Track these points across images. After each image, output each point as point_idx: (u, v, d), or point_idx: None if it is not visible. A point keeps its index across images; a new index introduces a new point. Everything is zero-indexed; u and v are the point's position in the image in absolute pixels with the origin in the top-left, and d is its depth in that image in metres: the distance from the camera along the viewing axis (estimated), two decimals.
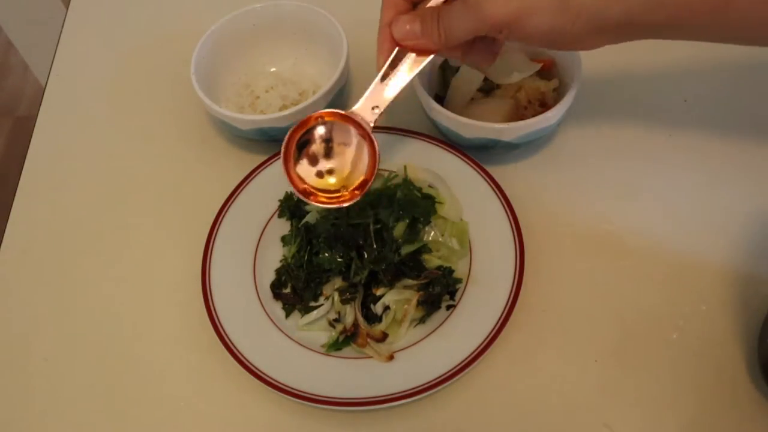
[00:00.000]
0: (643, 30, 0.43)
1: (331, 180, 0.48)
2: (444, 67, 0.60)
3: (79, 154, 0.64)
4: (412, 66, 0.47)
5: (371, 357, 0.48)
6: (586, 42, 0.43)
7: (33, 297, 0.55)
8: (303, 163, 0.47)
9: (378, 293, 0.50)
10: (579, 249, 0.53)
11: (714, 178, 0.56)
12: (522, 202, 0.54)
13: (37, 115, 0.67)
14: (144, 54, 0.71)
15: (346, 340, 0.49)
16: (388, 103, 0.47)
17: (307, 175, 0.47)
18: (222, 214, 0.55)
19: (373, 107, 0.47)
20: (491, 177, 0.54)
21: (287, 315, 0.51)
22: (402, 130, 0.58)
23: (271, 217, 0.55)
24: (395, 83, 0.47)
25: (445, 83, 0.59)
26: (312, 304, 0.52)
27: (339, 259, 0.51)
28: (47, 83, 0.69)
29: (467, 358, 0.46)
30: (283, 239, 0.54)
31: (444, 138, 0.57)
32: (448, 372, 0.46)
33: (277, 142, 0.60)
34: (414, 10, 0.46)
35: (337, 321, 0.50)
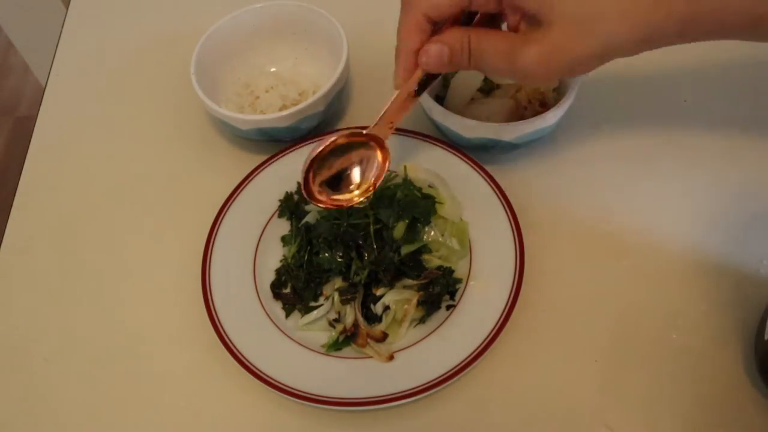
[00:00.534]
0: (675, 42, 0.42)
1: (344, 192, 0.48)
2: None
3: (79, 154, 0.64)
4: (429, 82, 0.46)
5: (371, 357, 0.48)
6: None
7: (33, 297, 0.55)
8: (319, 178, 0.48)
9: (378, 293, 0.50)
10: (579, 249, 0.53)
11: (714, 177, 0.56)
12: (522, 202, 0.54)
13: (37, 115, 0.67)
14: (144, 54, 0.71)
15: (346, 340, 0.49)
16: (402, 118, 0.47)
17: (323, 190, 0.48)
18: (222, 214, 0.55)
19: (390, 124, 0.47)
20: (491, 177, 0.54)
21: (287, 315, 0.51)
22: (402, 130, 0.58)
23: (271, 217, 0.55)
24: (413, 99, 0.46)
25: (445, 83, 0.59)
26: (312, 304, 0.52)
27: (339, 259, 0.51)
28: (47, 83, 0.69)
29: (467, 358, 0.46)
30: (283, 239, 0.55)
31: (444, 138, 0.57)
32: (448, 372, 0.46)
33: (277, 142, 0.60)
34: (437, 31, 0.44)
35: (337, 321, 0.50)
